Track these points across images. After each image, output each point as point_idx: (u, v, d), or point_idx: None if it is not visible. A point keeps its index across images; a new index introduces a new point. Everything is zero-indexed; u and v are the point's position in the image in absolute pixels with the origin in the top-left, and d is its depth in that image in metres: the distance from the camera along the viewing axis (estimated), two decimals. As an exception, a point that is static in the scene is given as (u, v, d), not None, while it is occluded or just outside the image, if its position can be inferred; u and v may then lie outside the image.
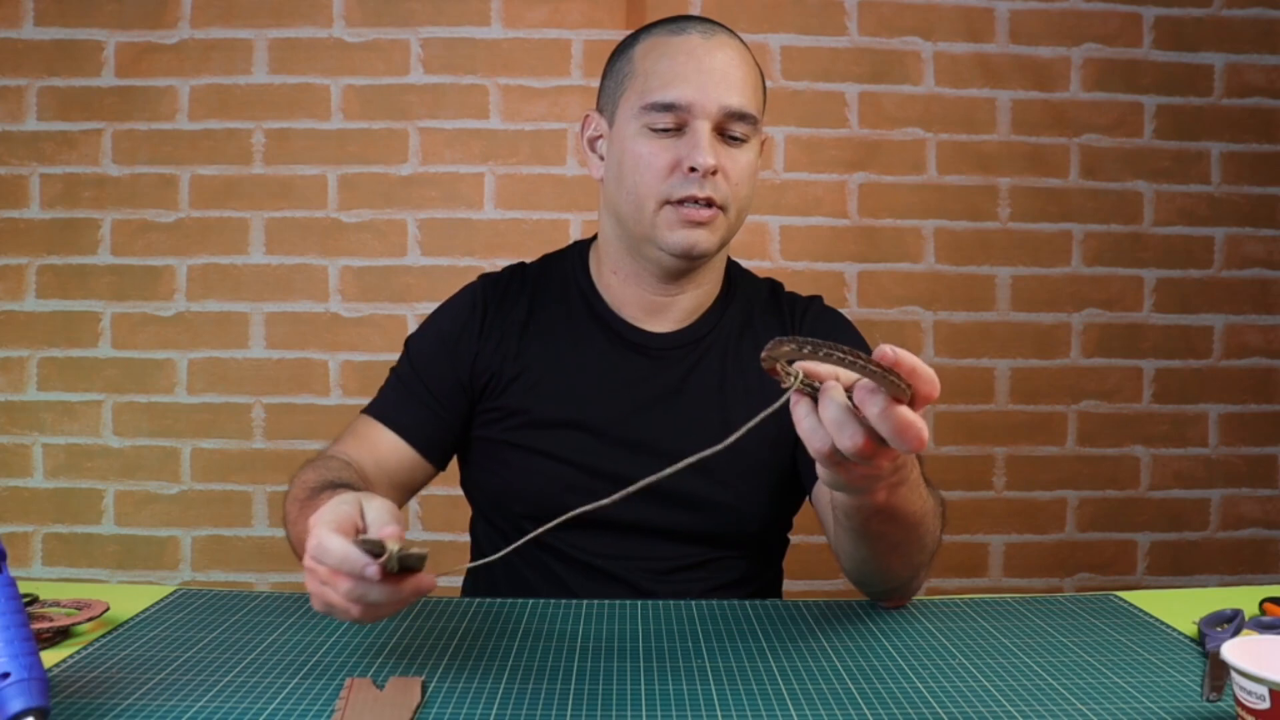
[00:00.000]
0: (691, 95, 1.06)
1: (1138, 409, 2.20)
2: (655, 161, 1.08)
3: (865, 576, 1.00)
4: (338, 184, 2.12)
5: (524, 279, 1.22)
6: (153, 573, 2.12)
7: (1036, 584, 2.18)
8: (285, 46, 2.10)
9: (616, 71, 1.14)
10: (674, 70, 1.08)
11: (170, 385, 2.12)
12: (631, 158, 1.09)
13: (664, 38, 1.11)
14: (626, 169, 1.10)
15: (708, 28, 1.11)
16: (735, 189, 1.09)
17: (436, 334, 1.19)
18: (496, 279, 1.22)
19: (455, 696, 0.78)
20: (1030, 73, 2.16)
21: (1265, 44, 2.18)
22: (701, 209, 1.07)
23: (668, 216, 1.08)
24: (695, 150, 1.06)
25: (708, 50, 1.09)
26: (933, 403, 0.70)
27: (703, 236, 1.09)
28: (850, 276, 2.15)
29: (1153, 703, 0.78)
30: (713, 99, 1.07)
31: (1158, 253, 2.19)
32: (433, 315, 1.22)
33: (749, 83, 1.10)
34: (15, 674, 0.67)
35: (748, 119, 1.09)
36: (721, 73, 1.08)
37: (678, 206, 1.08)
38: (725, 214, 1.09)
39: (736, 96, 1.08)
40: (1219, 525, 2.22)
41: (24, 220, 2.11)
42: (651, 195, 1.08)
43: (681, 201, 1.07)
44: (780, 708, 0.77)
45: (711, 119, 1.07)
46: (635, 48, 1.13)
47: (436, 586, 0.77)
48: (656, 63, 1.09)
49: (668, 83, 1.07)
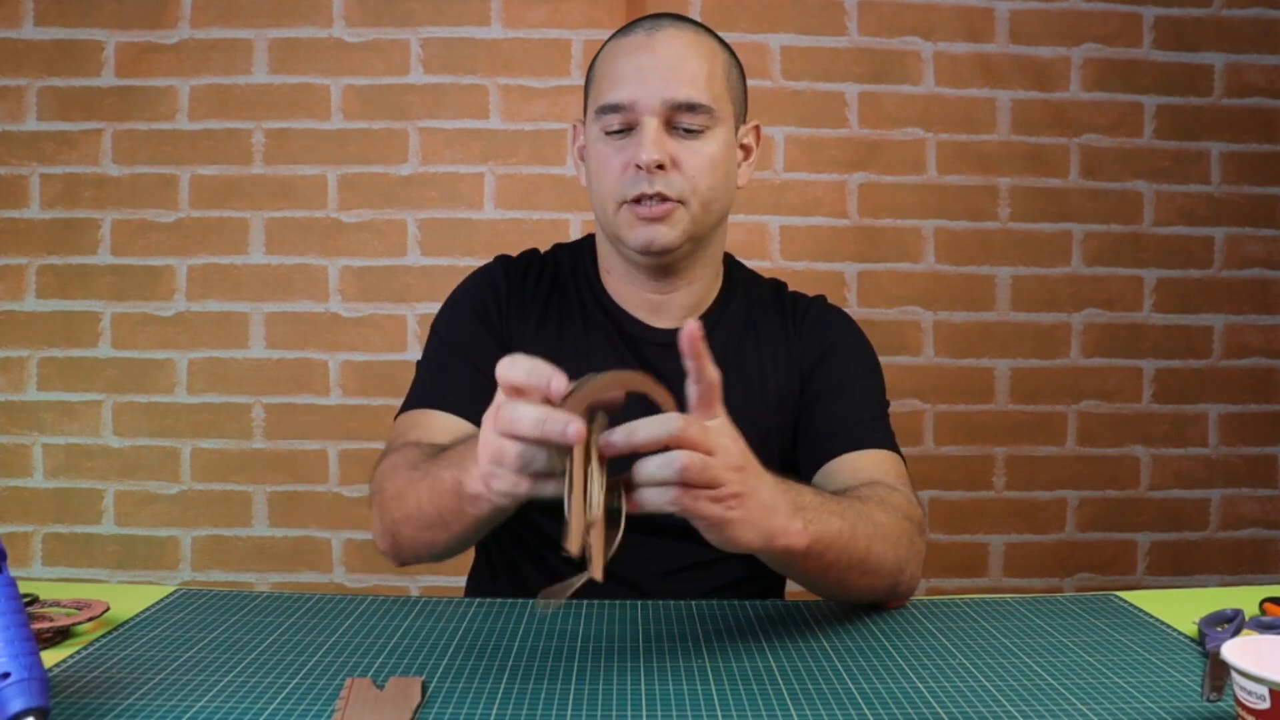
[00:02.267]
0: (633, 93, 1.07)
1: (1138, 409, 2.20)
2: (610, 164, 1.09)
3: (850, 600, 1.02)
4: (338, 184, 2.12)
5: (541, 266, 1.22)
6: (153, 573, 2.12)
7: (1036, 584, 2.18)
8: (285, 46, 2.10)
9: (587, 80, 1.17)
10: (617, 71, 1.09)
11: (170, 385, 2.12)
12: (593, 162, 1.12)
13: (616, 40, 1.13)
14: (592, 174, 1.12)
15: (656, 22, 1.11)
16: (693, 181, 1.09)
17: (469, 309, 1.18)
18: (515, 262, 1.22)
19: (455, 696, 0.78)
20: (1030, 73, 2.16)
21: (1265, 44, 2.18)
22: (655, 205, 1.08)
23: (625, 216, 1.10)
24: (639, 148, 1.07)
25: (650, 45, 1.09)
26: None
27: (661, 231, 1.09)
28: (850, 276, 2.15)
29: (1153, 703, 0.78)
30: (654, 94, 1.07)
31: (1158, 253, 2.19)
32: (455, 296, 1.21)
33: (701, 72, 1.09)
34: (15, 674, 0.67)
35: (699, 109, 1.08)
36: (665, 67, 1.08)
37: (634, 205, 1.08)
38: (686, 206, 1.09)
39: (682, 88, 1.07)
40: (1219, 525, 2.22)
41: (24, 220, 2.11)
42: (611, 197, 1.10)
43: (638, 200, 1.08)
44: (780, 708, 0.77)
45: (656, 114, 1.07)
46: (599, 55, 1.15)
47: None
48: (608, 65, 1.11)
49: (613, 84, 1.09)
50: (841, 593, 0.98)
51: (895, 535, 0.97)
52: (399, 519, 0.98)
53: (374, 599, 1.03)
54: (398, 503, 0.98)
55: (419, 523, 0.95)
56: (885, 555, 0.95)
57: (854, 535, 0.90)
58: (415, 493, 0.94)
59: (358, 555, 2.13)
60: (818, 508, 0.87)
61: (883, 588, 0.98)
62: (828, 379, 1.17)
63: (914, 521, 1.01)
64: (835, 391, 1.16)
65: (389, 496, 1.00)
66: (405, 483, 0.97)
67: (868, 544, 0.92)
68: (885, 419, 1.18)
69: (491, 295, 1.18)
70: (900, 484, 1.07)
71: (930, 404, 2.16)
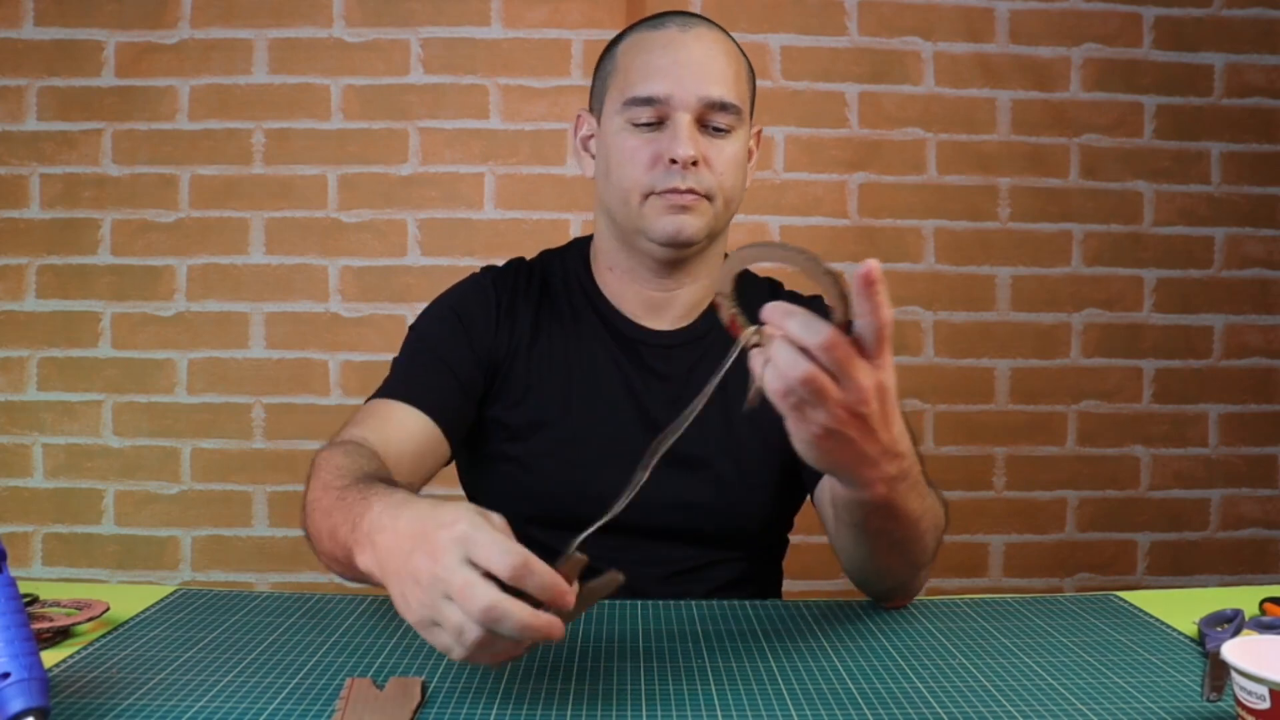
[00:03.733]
0: (670, 88, 1.07)
1: (1138, 409, 2.20)
2: (638, 156, 1.09)
3: (865, 575, 1.00)
4: (338, 184, 2.12)
5: (530, 275, 1.21)
6: (153, 573, 2.12)
7: (1036, 584, 2.18)
8: (285, 46, 2.10)
9: (603, 71, 1.16)
10: (652, 64, 1.09)
11: (170, 385, 2.12)
12: (616, 153, 1.11)
13: (644, 33, 1.12)
14: (613, 165, 1.11)
15: (687, 20, 1.12)
16: (720, 179, 1.10)
17: (451, 313, 1.17)
18: (502, 272, 1.21)
19: (455, 696, 0.78)
20: (1030, 73, 2.16)
21: (1265, 44, 2.18)
22: (684, 195, 1.08)
23: (653, 205, 1.09)
24: (675, 143, 1.07)
25: (685, 42, 1.09)
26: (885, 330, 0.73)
27: (688, 221, 1.09)
28: (851, 277, 2.15)
29: (1153, 703, 0.78)
30: (691, 90, 1.07)
31: (1158, 253, 2.19)
32: (440, 300, 1.20)
33: (730, 73, 1.10)
34: (15, 674, 0.67)
35: (730, 109, 1.09)
36: (700, 64, 1.08)
37: (662, 196, 1.08)
38: (711, 202, 1.10)
39: (716, 87, 1.08)
40: (1219, 525, 2.22)
41: (24, 220, 2.11)
42: (636, 189, 1.09)
43: (665, 193, 1.08)
44: (780, 708, 0.77)
45: (691, 110, 1.07)
46: (619, 46, 1.14)
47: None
48: (636, 58, 1.10)
49: (646, 76, 1.08)
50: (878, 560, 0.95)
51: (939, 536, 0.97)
52: (309, 526, 0.92)
53: (374, 599, 1.03)
54: (311, 509, 0.92)
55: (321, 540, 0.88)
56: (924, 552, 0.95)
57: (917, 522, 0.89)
58: (325, 515, 0.87)
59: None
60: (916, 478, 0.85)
61: (906, 576, 0.98)
62: None
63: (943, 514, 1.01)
64: None
65: (311, 493, 0.93)
66: (319, 495, 0.90)
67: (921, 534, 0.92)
68: None
69: (479, 307, 1.16)
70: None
71: (930, 404, 2.16)
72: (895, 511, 0.85)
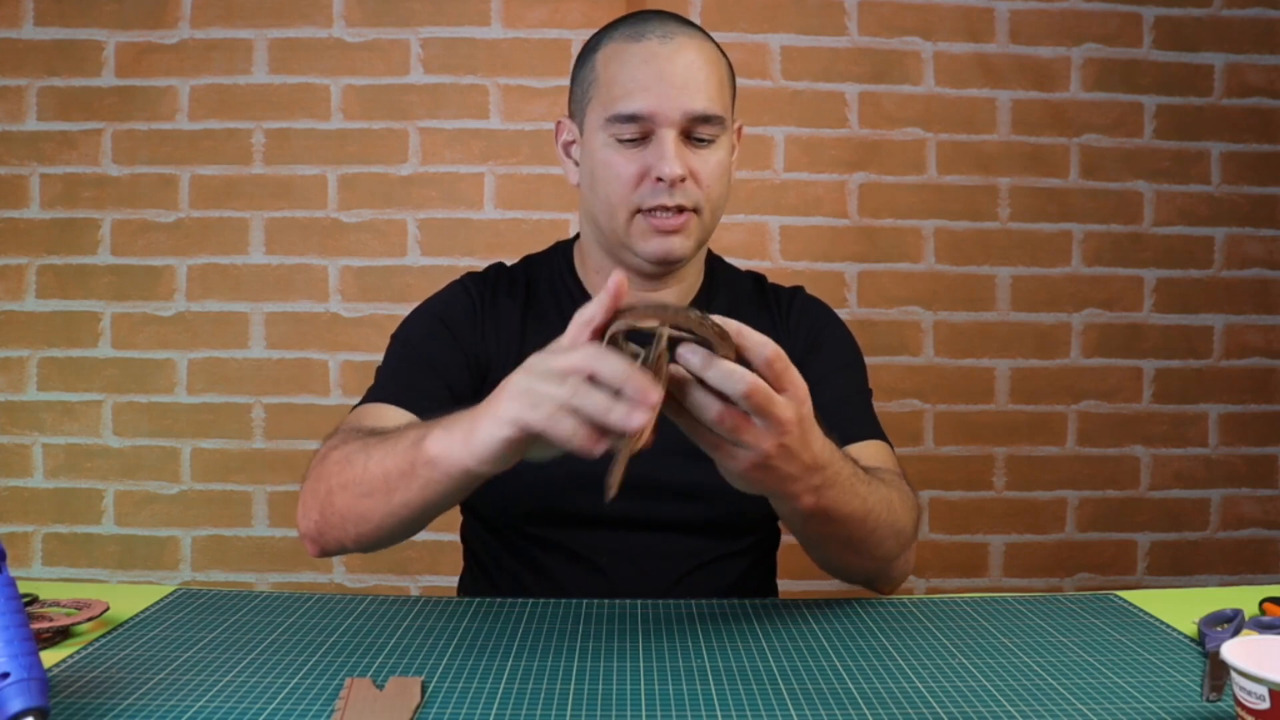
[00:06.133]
0: (654, 104, 1.06)
1: (1138, 409, 2.20)
2: (623, 172, 1.08)
3: (835, 571, 1.05)
4: (338, 184, 2.12)
5: (512, 279, 1.21)
6: (153, 573, 2.12)
7: (1036, 584, 2.18)
8: (285, 46, 2.10)
9: (582, 78, 1.14)
10: (634, 79, 1.07)
11: (170, 385, 2.12)
12: (602, 169, 1.10)
13: (623, 44, 1.10)
14: (599, 180, 1.11)
15: (666, 29, 1.10)
16: (707, 190, 1.09)
17: (434, 318, 1.17)
18: (483, 278, 1.21)
19: (455, 696, 0.78)
20: (1030, 73, 2.16)
21: (1265, 44, 2.18)
22: (672, 216, 1.08)
23: (640, 226, 1.09)
24: (661, 160, 1.06)
25: (668, 55, 1.07)
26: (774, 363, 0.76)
27: (677, 243, 1.09)
28: (850, 276, 2.15)
29: (1153, 703, 0.78)
30: (675, 106, 1.06)
31: (1158, 253, 2.19)
32: (422, 307, 1.20)
33: (713, 82, 1.09)
34: (15, 674, 0.67)
35: (714, 120, 1.08)
36: (683, 78, 1.07)
37: (649, 215, 1.08)
38: (699, 216, 1.10)
39: (701, 100, 1.07)
40: (1219, 525, 2.22)
41: (24, 220, 2.11)
42: (623, 205, 1.09)
43: (653, 210, 1.08)
44: (780, 708, 0.77)
45: (676, 126, 1.07)
46: (597, 53, 1.12)
47: None
48: (618, 71, 1.09)
49: (629, 93, 1.07)
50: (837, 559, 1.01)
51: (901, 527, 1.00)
52: (335, 486, 0.94)
53: (374, 599, 1.03)
54: (340, 467, 0.94)
55: (359, 489, 0.91)
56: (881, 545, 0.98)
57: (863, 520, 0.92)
58: (365, 456, 0.91)
59: (357, 555, 2.12)
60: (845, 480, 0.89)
61: (873, 569, 1.04)
62: (818, 370, 1.17)
63: (917, 515, 1.05)
64: (826, 382, 1.16)
65: (330, 463, 0.95)
66: (355, 449, 0.93)
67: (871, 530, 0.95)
68: (872, 407, 1.21)
69: (463, 313, 1.16)
70: (899, 475, 1.09)
71: (930, 404, 2.16)
72: (831, 515, 0.88)
